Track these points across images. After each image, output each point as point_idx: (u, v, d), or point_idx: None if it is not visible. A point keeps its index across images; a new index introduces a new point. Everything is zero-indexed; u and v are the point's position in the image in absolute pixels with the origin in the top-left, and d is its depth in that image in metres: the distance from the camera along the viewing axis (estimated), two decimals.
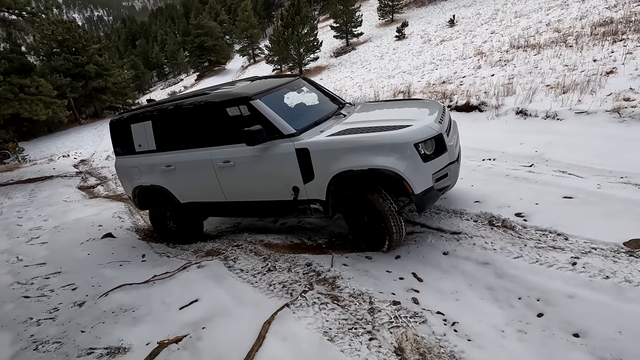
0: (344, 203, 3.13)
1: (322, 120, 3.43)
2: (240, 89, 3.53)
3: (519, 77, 8.78)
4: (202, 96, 3.58)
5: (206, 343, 2.08)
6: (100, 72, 29.99)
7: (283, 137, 3.12)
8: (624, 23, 11.47)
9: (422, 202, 2.82)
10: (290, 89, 3.89)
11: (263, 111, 3.19)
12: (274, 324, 2.10)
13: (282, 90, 3.73)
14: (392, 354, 1.89)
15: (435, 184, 2.82)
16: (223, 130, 3.46)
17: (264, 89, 3.48)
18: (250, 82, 4.04)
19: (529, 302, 2.27)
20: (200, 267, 3.01)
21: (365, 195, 2.92)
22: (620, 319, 1.96)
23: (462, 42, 20.89)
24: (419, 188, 2.74)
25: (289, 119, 3.23)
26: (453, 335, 2.06)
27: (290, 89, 3.89)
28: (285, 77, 4.18)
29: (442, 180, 2.88)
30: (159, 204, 4.29)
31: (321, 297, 2.37)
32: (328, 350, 1.89)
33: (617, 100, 5.47)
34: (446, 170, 2.89)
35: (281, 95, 3.71)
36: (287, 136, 3.11)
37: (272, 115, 3.18)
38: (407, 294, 2.52)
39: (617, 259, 2.40)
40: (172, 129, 3.81)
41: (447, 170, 2.90)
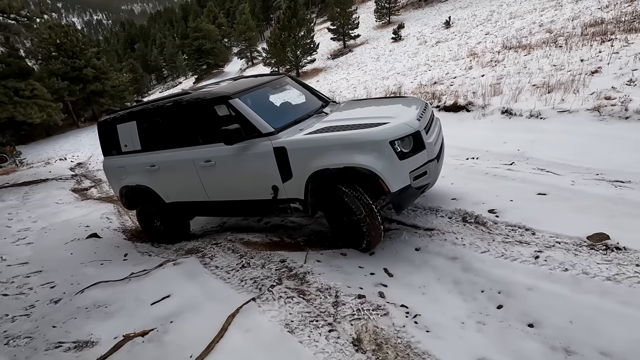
0: (323, 202, 3.11)
1: (302, 118, 3.43)
2: (221, 89, 3.53)
3: (507, 77, 8.85)
4: (183, 96, 3.60)
5: (172, 336, 2.13)
6: (98, 76, 30.15)
7: (261, 136, 3.11)
8: (614, 23, 11.54)
9: (399, 200, 2.78)
10: (272, 88, 3.89)
11: (242, 110, 3.20)
12: (238, 317, 2.15)
13: (263, 89, 3.72)
14: (350, 345, 1.94)
15: (413, 182, 2.79)
16: (203, 129, 3.48)
17: (243, 88, 3.48)
18: (233, 82, 4.05)
19: (491, 294, 2.32)
20: (175, 265, 3.06)
21: (342, 194, 2.88)
22: (573, 309, 2.01)
23: (457, 44, 21.01)
24: (396, 186, 2.70)
25: (268, 118, 3.22)
26: (412, 327, 2.11)
27: (272, 88, 3.89)
28: (270, 75, 4.19)
29: (420, 178, 2.83)
30: (146, 203, 4.31)
31: (288, 291, 2.42)
32: (287, 341, 1.94)
33: (599, 99, 5.53)
34: (425, 169, 2.84)
35: (262, 94, 3.71)
36: (266, 135, 3.10)
37: (250, 114, 3.18)
38: (374, 288, 2.56)
39: (579, 252, 2.44)
40: (156, 129, 3.84)
41: (425, 169, 2.85)
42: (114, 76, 32.24)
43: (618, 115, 4.94)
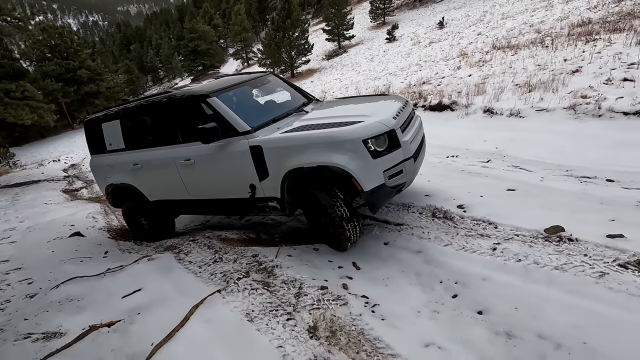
0: (300, 201, 3.10)
1: (281, 117, 3.41)
2: (200, 87, 3.53)
3: (493, 77, 8.96)
4: (164, 95, 3.62)
5: (137, 327, 2.20)
6: (92, 77, 30.11)
7: (238, 135, 3.11)
8: (600, 24, 11.68)
9: (373, 199, 2.75)
10: (253, 86, 3.89)
11: (219, 109, 3.19)
12: (201, 308, 2.23)
13: (243, 88, 3.72)
14: (305, 332, 2.02)
15: (388, 181, 2.76)
16: (183, 128, 3.49)
17: (223, 87, 3.48)
18: (215, 80, 4.04)
19: (448, 285, 2.41)
20: (150, 260, 3.14)
21: (317, 194, 2.88)
22: (520, 297, 2.10)
23: (450, 44, 21.19)
24: (369, 185, 2.67)
25: (246, 117, 3.21)
26: (369, 316, 2.20)
27: (253, 86, 3.89)
28: (254, 74, 4.17)
29: (395, 177, 2.80)
30: (130, 202, 4.35)
31: (254, 283, 2.50)
32: (245, 330, 2.02)
33: (575, 97, 5.64)
34: (400, 167, 2.81)
35: (242, 93, 3.70)
36: (242, 134, 3.10)
37: (228, 113, 3.17)
38: (339, 280, 2.65)
39: (534, 244, 2.54)
40: (138, 128, 3.86)
41: (401, 167, 2.81)
42: (109, 77, 32.22)
43: (592, 114, 5.06)
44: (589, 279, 2.07)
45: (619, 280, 2.01)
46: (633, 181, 3.45)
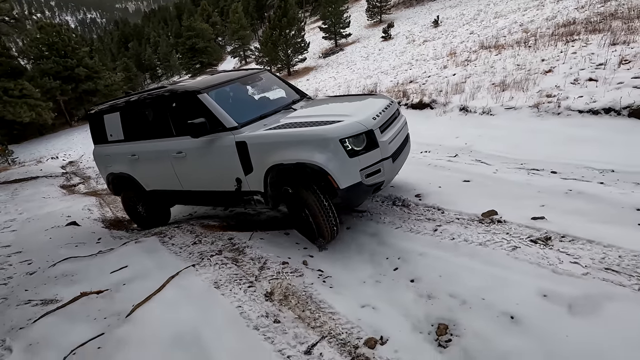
0: (282, 196, 3.21)
1: (269, 114, 3.51)
2: (193, 83, 3.64)
3: (474, 76, 9.31)
4: (159, 89, 3.78)
5: (121, 294, 2.58)
6: (90, 75, 30.37)
7: (226, 130, 3.22)
8: (583, 24, 11.98)
9: (349, 197, 2.85)
10: (244, 83, 4.01)
11: (208, 105, 3.31)
12: (176, 278, 2.60)
13: (235, 85, 3.85)
14: (262, 296, 2.40)
15: (365, 180, 2.84)
16: (176, 122, 3.64)
17: (214, 83, 3.60)
18: (209, 76, 4.14)
19: (393, 260, 2.78)
20: (137, 243, 3.51)
21: (297, 190, 2.99)
22: (446, 267, 2.47)
23: (442, 43, 21.46)
24: (345, 183, 2.77)
25: (235, 113, 3.33)
26: (319, 285, 2.57)
27: (244, 83, 4.01)
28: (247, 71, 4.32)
29: (373, 176, 2.88)
30: (129, 190, 4.59)
31: (224, 259, 2.88)
32: (212, 294, 2.40)
33: (541, 97, 6.01)
34: (378, 167, 2.89)
35: (234, 89, 3.84)
36: (230, 129, 3.21)
37: (216, 109, 3.29)
38: (301, 258, 3.01)
39: (469, 225, 2.92)
40: (136, 120, 4.06)
41: (379, 167, 2.89)
42: (107, 75, 32.47)
43: (552, 112, 5.43)
44: (503, 251, 2.45)
45: (525, 252, 2.39)
46: (572, 172, 3.83)
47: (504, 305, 1.98)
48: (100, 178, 11.08)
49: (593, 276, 2.04)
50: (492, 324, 1.90)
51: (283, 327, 2.10)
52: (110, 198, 7.10)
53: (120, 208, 6.40)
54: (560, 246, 2.40)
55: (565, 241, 2.46)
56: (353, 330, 2.08)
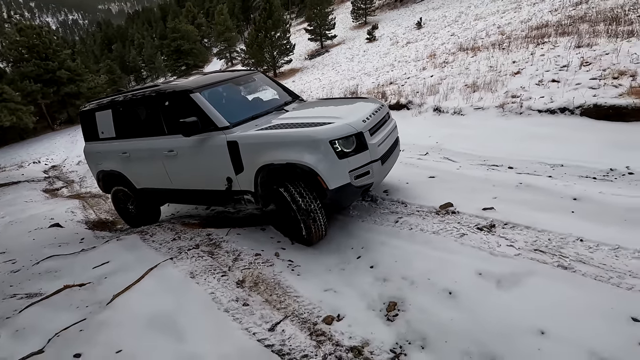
0: (272, 195, 3.22)
1: (261, 114, 3.56)
2: (186, 82, 3.70)
3: (450, 77, 9.68)
4: (152, 88, 3.83)
5: (103, 286, 2.75)
6: (73, 78, 29.88)
7: (217, 130, 3.26)
8: (554, 27, 12.49)
9: (338, 197, 2.91)
10: (237, 84, 4.04)
11: (201, 104, 3.34)
12: (155, 270, 2.80)
13: (227, 85, 3.90)
14: (234, 284, 2.62)
15: (354, 181, 2.89)
16: (168, 121, 3.67)
17: (207, 83, 3.64)
18: (202, 76, 4.14)
19: (357, 250, 3.03)
20: (119, 240, 3.68)
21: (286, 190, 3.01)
22: (402, 254, 2.73)
23: (425, 44, 21.93)
24: (334, 184, 2.82)
25: (227, 113, 3.37)
26: (288, 273, 2.80)
27: (237, 84, 4.04)
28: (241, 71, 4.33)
29: (362, 177, 2.94)
30: (119, 188, 4.61)
31: (201, 253, 3.08)
32: (187, 283, 2.60)
33: (507, 97, 6.38)
34: (367, 169, 2.94)
35: (227, 89, 3.89)
36: (221, 129, 3.25)
37: (209, 108, 3.32)
38: (274, 250, 3.23)
39: (426, 217, 3.19)
40: (128, 118, 4.09)
41: (368, 169, 2.95)
42: (90, 78, 32.01)
43: (515, 112, 5.79)
44: (452, 238, 2.73)
45: (471, 238, 2.67)
46: (527, 167, 4.16)
47: (444, 284, 2.25)
48: (84, 181, 11.07)
49: (523, 256, 2.33)
50: (433, 299, 2.16)
51: (251, 309, 2.33)
52: (93, 200, 7.18)
53: (103, 210, 6.51)
54: (502, 232, 2.70)
55: (506, 228, 2.75)
56: (314, 310, 2.32)
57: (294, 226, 3.18)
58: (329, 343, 2.02)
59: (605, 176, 3.61)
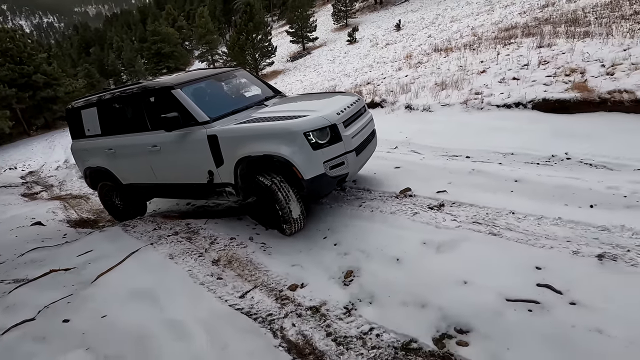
0: (252, 187, 3.31)
1: (240, 109, 3.66)
2: (168, 79, 3.83)
3: (423, 77, 10.14)
4: (136, 85, 3.94)
5: (87, 270, 2.96)
6: (49, 82, 29.22)
7: (198, 124, 3.36)
8: (522, 28, 13.15)
9: (314, 187, 3.02)
10: (219, 80, 4.16)
11: (182, 100, 3.45)
12: (136, 253, 3.03)
13: (209, 81, 4.02)
14: (210, 262, 2.88)
15: (329, 172, 3.00)
16: (151, 117, 3.76)
17: (188, 79, 3.76)
18: (185, 73, 4.38)
19: (324, 232, 3.32)
20: (101, 231, 3.87)
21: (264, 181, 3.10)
22: (362, 232, 3.05)
23: (403, 46, 22.54)
24: (309, 174, 2.93)
25: (208, 108, 3.47)
26: (260, 253, 3.08)
27: (219, 80, 4.16)
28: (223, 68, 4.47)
29: (337, 168, 3.05)
30: (105, 183, 4.71)
31: (180, 238, 3.33)
32: (166, 263, 2.85)
33: (470, 94, 6.84)
34: (342, 159, 3.05)
35: (209, 85, 4.01)
36: (202, 123, 3.35)
37: (189, 104, 3.43)
38: (248, 235, 3.49)
39: (387, 200, 3.53)
40: (113, 115, 4.19)
41: (342, 159, 3.05)
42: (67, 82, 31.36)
43: (477, 107, 6.24)
44: (405, 216, 3.06)
45: (422, 216, 3.01)
46: (482, 156, 4.56)
47: (394, 253, 2.58)
48: (64, 185, 11.03)
49: (462, 228, 2.69)
50: (382, 266, 2.48)
51: (224, 282, 2.60)
52: (74, 201, 7.26)
53: (85, 210, 6.62)
54: (449, 210, 3.05)
55: (454, 206, 3.11)
56: (281, 281, 2.61)
57: (274, 217, 3.28)
58: (291, 304, 2.31)
59: (547, 161, 4.03)
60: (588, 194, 2.92)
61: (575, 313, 1.69)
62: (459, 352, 1.69)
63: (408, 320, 1.95)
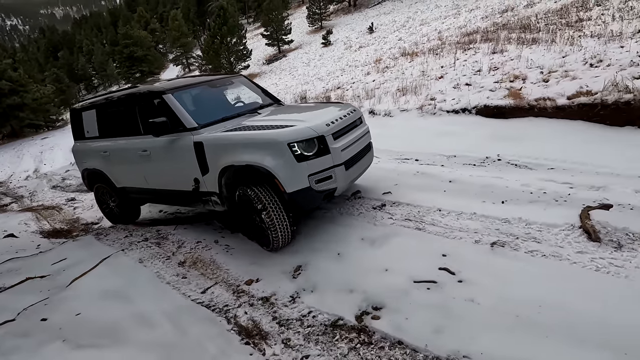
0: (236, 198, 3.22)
1: (232, 117, 3.60)
2: (162, 84, 3.85)
3: (388, 82, 10.68)
4: (130, 89, 3.98)
5: (62, 276, 3.22)
6: (15, 89, 28.19)
7: (186, 130, 3.32)
8: (482, 33, 13.92)
9: (297, 201, 2.90)
10: (213, 86, 4.13)
11: (172, 105, 3.43)
12: (107, 259, 3.31)
13: (202, 87, 4.01)
14: (176, 264, 3.21)
15: (315, 185, 2.87)
16: (143, 121, 3.75)
17: (181, 85, 3.76)
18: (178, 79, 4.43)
19: None
20: (75, 240, 4.11)
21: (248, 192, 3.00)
22: (312, 231, 3.44)
23: (375, 49, 23.18)
24: (291, 187, 2.81)
25: (197, 114, 3.45)
26: (223, 254, 3.42)
27: (213, 86, 4.13)
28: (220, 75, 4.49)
29: (323, 182, 2.91)
30: (100, 186, 4.77)
31: (149, 244, 3.63)
32: (136, 267, 3.16)
33: (427, 99, 7.39)
34: (329, 173, 2.92)
35: (200, 91, 3.98)
36: (190, 130, 3.31)
37: (179, 110, 3.40)
38: (214, 238, 3.83)
39: (337, 202, 3.94)
40: (109, 118, 4.24)
41: (330, 173, 2.92)
42: (35, 88, 30.35)
43: (431, 112, 6.79)
44: (352, 216, 3.49)
45: (365, 215, 3.45)
46: (429, 159, 5.07)
47: (337, 249, 2.99)
48: (34, 196, 10.93)
49: (396, 224, 3.14)
50: (326, 260, 2.89)
51: (188, 281, 2.94)
52: (46, 212, 7.33)
53: (57, 220, 6.73)
54: (389, 209, 3.50)
55: (393, 206, 3.57)
56: (239, 277, 2.98)
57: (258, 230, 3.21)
58: (246, 296, 2.68)
59: (481, 163, 4.57)
60: (504, 191, 3.43)
61: (459, 288, 2.15)
62: (372, 324, 2.11)
63: (339, 303, 2.36)
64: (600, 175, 3.49)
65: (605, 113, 4.46)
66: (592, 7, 11.14)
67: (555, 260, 2.31)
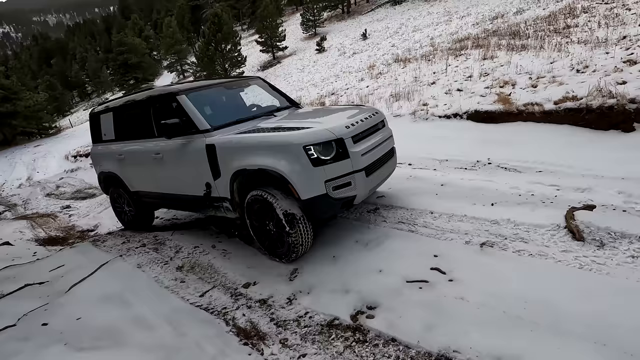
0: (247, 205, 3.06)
1: (246, 119, 3.47)
2: (178, 85, 3.77)
3: (381, 88, 10.85)
4: (146, 91, 3.94)
5: (60, 282, 3.25)
6: (8, 96, 28.06)
7: (199, 133, 3.21)
8: (473, 40, 14.18)
9: (312, 209, 2.72)
10: (229, 88, 4.06)
11: (185, 107, 3.33)
12: (106, 265, 3.35)
13: (217, 89, 3.91)
14: (174, 269, 3.26)
15: (332, 192, 2.66)
16: (157, 124, 3.68)
17: (196, 86, 3.70)
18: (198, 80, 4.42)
19: None
20: (72, 247, 4.14)
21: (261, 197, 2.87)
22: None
23: (368, 55, 23.46)
24: (306, 194, 2.63)
25: (210, 116, 3.35)
26: (220, 258, 3.47)
27: (229, 88, 4.06)
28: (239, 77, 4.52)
29: (342, 189, 2.71)
30: (116, 189, 4.72)
31: (147, 249, 3.68)
32: (135, 272, 3.20)
33: (419, 105, 7.54)
34: (348, 179, 2.71)
35: (214, 93, 3.87)
36: (202, 131, 3.19)
37: (192, 111, 3.29)
38: (211, 243, 3.89)
39: None
40: (124, 121, 4.21)
41: (349, 179, 2.72)
42: (28, 96, 30.22)
43: (423, 118, 6.93)
44: (348, 219, 3.58)
45: (359, 218, 3.54)
46: (421, 163, 5.18)
47: (332, 252, 3.07)
48: (28, 204, 10.88)
49: (389, 227, 3.23)
50: (321, 262, 2.96)
51: (187, 285, 3.00)
52: (41, 220, 7.32)
53: (53, 228, 6.73)
54: (382, 212, 3.59)
55: (387, 209, 3.66)
56: (237, 281, 3.03)
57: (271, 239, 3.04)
58: (243, 299, 2.74)
59: (472, 166, 4.69)
60: (494, 194, 3.54)
61: (450, 287, 2.23)
62: (367, 323, 2.19)
63: (334, 303, 2.43)
64: (585, 177, 3.62)
65: (590, 117, 4.61)
66: (579, 14, 11.45)
67: (541, 259, 2.41)
